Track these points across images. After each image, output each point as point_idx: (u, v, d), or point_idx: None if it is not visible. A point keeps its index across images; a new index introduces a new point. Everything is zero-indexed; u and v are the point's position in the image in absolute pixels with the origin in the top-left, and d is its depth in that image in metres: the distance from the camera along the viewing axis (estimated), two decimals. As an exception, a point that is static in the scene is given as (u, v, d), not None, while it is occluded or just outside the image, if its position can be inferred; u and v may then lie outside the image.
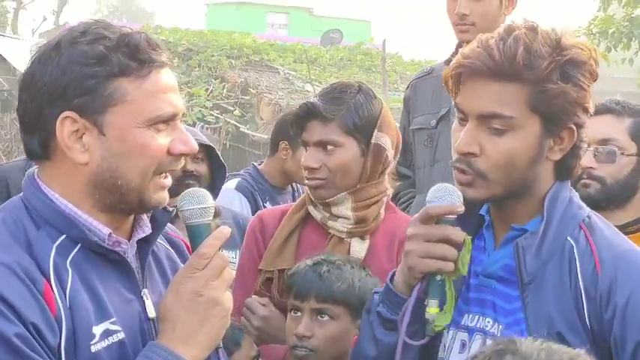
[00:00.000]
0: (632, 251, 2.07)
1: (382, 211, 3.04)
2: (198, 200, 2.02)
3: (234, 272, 2.06)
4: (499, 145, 2.02)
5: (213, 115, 17.32)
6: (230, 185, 5.26)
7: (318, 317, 2.69)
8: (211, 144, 4.29)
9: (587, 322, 2.00)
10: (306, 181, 3.01)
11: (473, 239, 2.17)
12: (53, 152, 1.92)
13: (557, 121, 2.04)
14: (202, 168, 4.26)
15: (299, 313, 2.72)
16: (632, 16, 14.39)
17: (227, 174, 4.34)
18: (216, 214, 3.01)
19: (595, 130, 3.14)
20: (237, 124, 17.70)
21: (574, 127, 2.06)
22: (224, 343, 2.66)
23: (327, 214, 3.00)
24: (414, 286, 2.07)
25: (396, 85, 19.76)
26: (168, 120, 1.93)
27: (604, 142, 3.16)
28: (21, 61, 19.54)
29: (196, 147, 1.99)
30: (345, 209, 2.97)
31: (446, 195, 2.06)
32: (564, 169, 2.12)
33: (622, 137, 3.16)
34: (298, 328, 2.68)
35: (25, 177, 2.00)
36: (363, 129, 2.95)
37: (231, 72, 18.88)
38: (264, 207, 4.85)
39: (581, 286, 2.01)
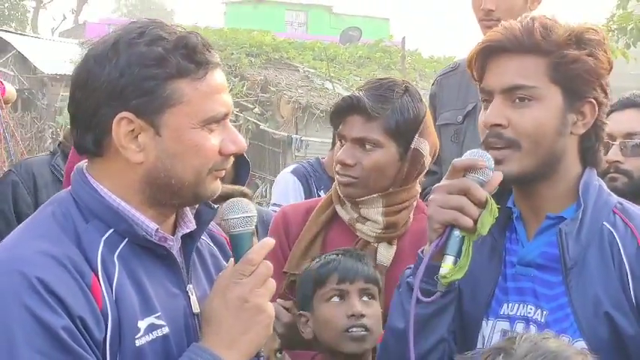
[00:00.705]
0: None
1: (411, 215, 2.96)
2: (242, 209, 2.04)
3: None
4: (525, 114, 2.11)
5: (233, 113, 17.34)
6: (288, 169, 5.36)
7: (364, 298, 2.70)
8: None
9: (634, 301, 2.07)
10: (337, 177, 2.91)
11: (504, 232, 2.21)
12: (106, 150, 1.93)
13: (577, 91, 2.13)
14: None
15: (338, 300, 2.70)
16: (653, 12, 14.28)
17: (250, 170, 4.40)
18: None
19: (620, 123, 3.20)
20: (257, 122, 17.76)
21: (594, 102, 2.15)
22: None
23: (356, 215, 2.93)
24: (433, 241, 2.10)
25: (415, 83, 19.73)
26: (221, 120, 1.96)
27: (630, 135, 3.21)
28: (41, 60, 19.66)
29: (245, 145, 2.02)
30: (376, 213, 2.90)
31: (475, 154, 2.11)
32: (589, 151, 2.20)
33: None
34: (354, 308, 2.66)
35: (74, 171, 2.01)
36: (405, 132, 2.84)
37: (250, 70, 18.95)
38: (319, 195, 4.89)
39: (627, 267, 2.09)
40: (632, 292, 2.07)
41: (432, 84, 4.21)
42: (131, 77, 1.87)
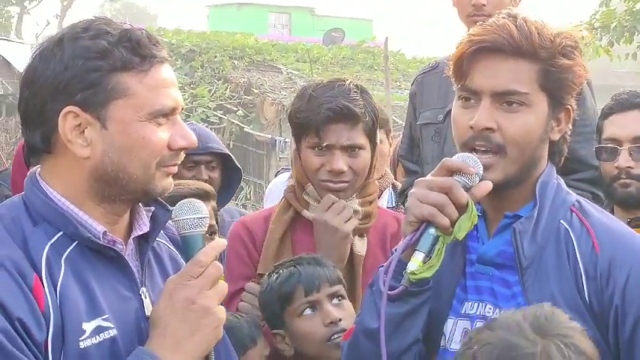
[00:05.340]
0: (628, 232, 2.15)
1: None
2: (193, 210, 2.02)
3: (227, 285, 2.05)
4: (515, 120, 2.08)
5: (216, 116, 17.37)
6: (281, 178, 5.28)
7: (335, 301, 2.71)
8: (228, 152, 4.34)
9: (588, 301, 2.04)
10: (329, 184, 2.94)
11: None
12: (55, 146, 1.93)
13: (559, 99, 2.12)
14: (215, 174, 4.32)
15: (311, 312, 2.69)
16: (634, 9, 14.33)
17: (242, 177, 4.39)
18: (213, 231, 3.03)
19: (626, 127, 3.14)
20: (241, 125, 17.73)
21: (570, 109, 2.15)
22: (239, 339, 2.64)
23: None
24: (406, 236, 2.06)
25: (398, 83, 19.75)
26: (169, 114, 1.95)
27: (638, 139, 3.12)
28: (25, 65, 19.59)
29: (196, 141, 2.01)
30: (354, 204, 2.97)
31: (467, 159, 2.06)
32: (557, 152, 2.20)
33: None
34: (330, 315, 2.66)
35: (27, 176, 2.00)
36: (375, 130, 2.98)
37: (234, 72, 18.93)
38: None
39: (581, 267, 2.06)
40: (585, 293, 2.05)
41: (412, 83, 4.17)
42: (75, 70, 1.87)
